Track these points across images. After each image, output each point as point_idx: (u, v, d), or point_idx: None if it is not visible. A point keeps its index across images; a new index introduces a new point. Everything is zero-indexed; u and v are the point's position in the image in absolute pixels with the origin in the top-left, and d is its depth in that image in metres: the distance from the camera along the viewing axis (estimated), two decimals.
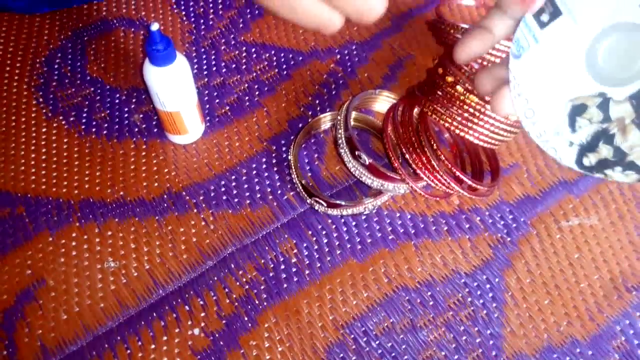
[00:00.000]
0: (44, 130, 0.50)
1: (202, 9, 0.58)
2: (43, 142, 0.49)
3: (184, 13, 0.57)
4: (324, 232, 0.46)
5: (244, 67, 0.54)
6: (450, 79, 0.43)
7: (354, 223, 0.47)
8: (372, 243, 0.46)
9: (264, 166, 0.49)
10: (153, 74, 0.42)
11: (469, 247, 0.46)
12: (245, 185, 0.48)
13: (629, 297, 0.45)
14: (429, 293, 0.44)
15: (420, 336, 0.43)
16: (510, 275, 0.45)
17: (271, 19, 0.57)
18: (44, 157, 0.49)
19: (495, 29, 0.34)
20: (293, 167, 0.47)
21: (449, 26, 0.43)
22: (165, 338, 0.42)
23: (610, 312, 0.44)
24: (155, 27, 0.39)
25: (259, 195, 0.47)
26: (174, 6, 0.58)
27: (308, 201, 0.47)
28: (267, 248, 0.45)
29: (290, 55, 0.55)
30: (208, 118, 0.51)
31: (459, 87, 0.42)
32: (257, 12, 0.58)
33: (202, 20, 0.57)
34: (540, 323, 0.44)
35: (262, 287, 0.44)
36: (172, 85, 0.43)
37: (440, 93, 0.44)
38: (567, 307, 0.44)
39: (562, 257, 0.46)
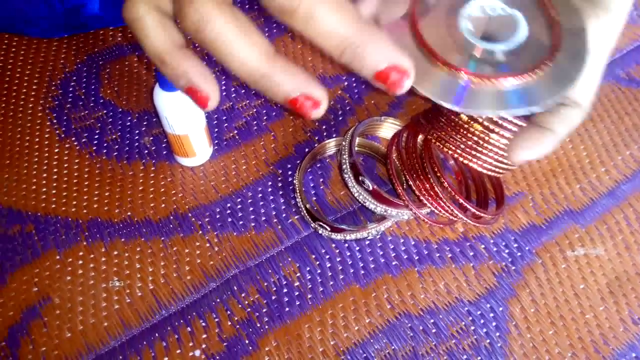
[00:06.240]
0: (56, 150, 0.51)
1: None
2: (55, 162, 0.50)
3: None
4: (327, 257, 0.46)
5: (253, 92, 0.55)
6: None
7: (357, 248, 0.47)
8: (375, 268, 0.46)
9: (270, 189, 0.49)
10: (163, 98, 0.43)
11: (473, 275, 0.46)
12: (251, 208, 0.48)
13: (636, 330, 0.44)
14: (432, 321, 0.44)
15: None
16: (515, 305, 0.45)
17: (281, 47, 0.58)
18: (55, 176, 0.50)
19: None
20: (298, 191, 0.47)
21: None
22: (166, 359, 0.42)
23: (616, 345, 0.44)
24: None
25: (263, 218, 0.48)
26: None
27: (312, 225, 0.47)
28: (270, 271, 0.45)
29: None
30: (216, 141, 0.52)
31: (463, 116, 0.43)
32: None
33: None
34: (544, 354, 0.43)
35: (264, 310, 0.44)
36: (181, 110, 0.44)
37: (444, 121, 0.44)
38: (572, 338, 0.44)
39: (567, 287, 0.46)
